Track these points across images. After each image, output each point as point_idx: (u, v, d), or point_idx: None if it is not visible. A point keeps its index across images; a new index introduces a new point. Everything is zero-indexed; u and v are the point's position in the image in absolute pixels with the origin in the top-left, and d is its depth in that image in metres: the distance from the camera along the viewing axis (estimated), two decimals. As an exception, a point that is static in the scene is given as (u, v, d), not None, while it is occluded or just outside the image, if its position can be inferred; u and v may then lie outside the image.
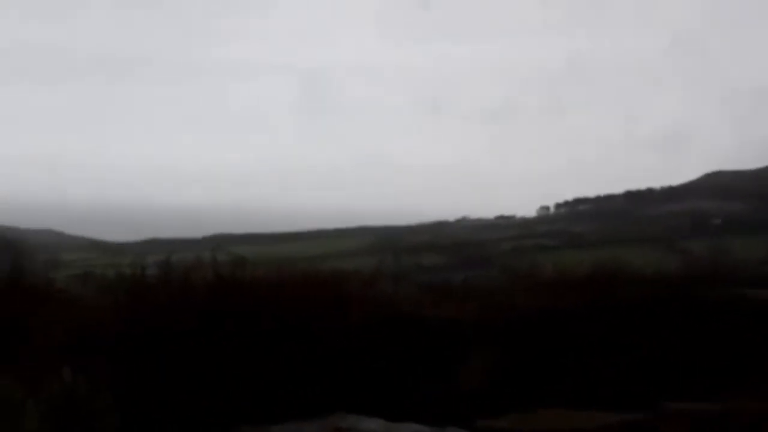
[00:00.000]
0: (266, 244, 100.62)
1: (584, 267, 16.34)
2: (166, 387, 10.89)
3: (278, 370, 11.20)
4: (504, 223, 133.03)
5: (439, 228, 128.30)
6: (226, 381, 10.87)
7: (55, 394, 10.17)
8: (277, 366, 11.24)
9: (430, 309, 14.10)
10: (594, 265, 16.39)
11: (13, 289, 12.10)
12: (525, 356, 13.42)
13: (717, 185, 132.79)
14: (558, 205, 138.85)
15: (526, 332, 13.71)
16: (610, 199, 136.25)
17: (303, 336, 11.94)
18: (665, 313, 14.34)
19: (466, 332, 13.38)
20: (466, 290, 17.11)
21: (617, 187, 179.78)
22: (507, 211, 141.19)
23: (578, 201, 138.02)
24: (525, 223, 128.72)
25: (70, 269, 52.48)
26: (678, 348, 13.70)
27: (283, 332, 11.64)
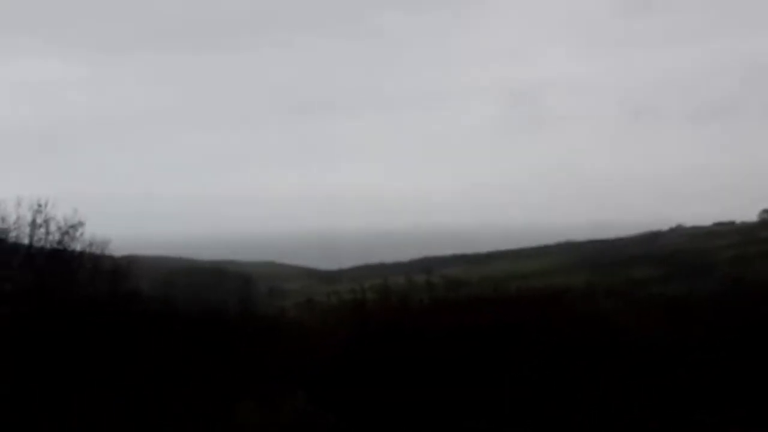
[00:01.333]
0: (473, 264, 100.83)
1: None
2: (392, 409, 11.19)
3: (508, 388, 11.21)
4: (723, 229, 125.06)
5: (651, 239, 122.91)
6: (453, 401, 11.01)
7: (290, 417, 10.82)
8: (497, 386, 11.26)
9: (652, 325, 13.56)
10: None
11: (248, 320, 12.94)
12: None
13: None
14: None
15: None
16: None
17: (524, 353, 11.89)
18: None
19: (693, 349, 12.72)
20: (690, 303, 16.28)
21: None
22: (725, 218, 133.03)
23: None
24: (746, 229, 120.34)
25: (292, 297, 55.23)
26: None
27: (506, 350, 11.66)
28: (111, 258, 23.15)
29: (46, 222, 21.37)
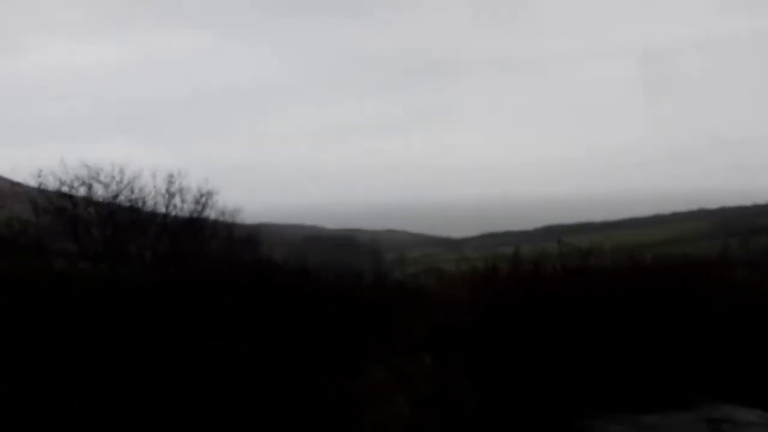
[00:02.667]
0: (600, 232, 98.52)
1: None
2: (521, 373, 11.00)
3: (642, 359, 10.83)
4: None
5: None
6: (584, 369, 10.73)
7: (420, 381, 10.81)
8: (640, 355, 10.87)
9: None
10: None
11: (381, 286, 12.98)
12: None
13: None
14: None
15: None
16: None
17: (661, 324, 11.42)
18: None
19: None
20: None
21: None
22: None
23: None
24: None
25: (416, 265, 55.58)
26: None
27: (641, 320, 11.24)
28: (243, 226, 23.83)
29: (181, 191, 22.20)
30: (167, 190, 22.17)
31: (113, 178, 21.32)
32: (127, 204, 21.85)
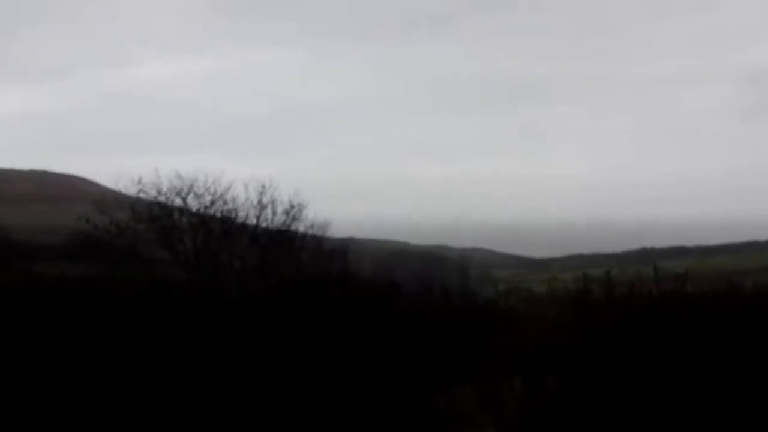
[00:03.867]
0: (694, 257, 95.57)
1: None
2: (615, 398, 10.66)
3: (739, 388, 10.33)
4: None
5: None
6: (680, 394, 10.31)
7: (510, 404, 10.57)
8: (738, 383, 10.38)
9: None
10: None
11: (467, 304, 12.81)
12: None
13: None
14: None
15: None
16: None
17: (758, 353, 10.88)
18: None
19: None
20: None
21: None
22: None
23: None
24: None
25: (502, 284, 54.95)
26: None
27: (738, 348, 10.73)
28: (331, 239, 24.00)
29: (272, 203, 22.55)
30: (259, 202, 22.61)
31: (207, 189, 21.92)
32: (220, 214, 22.39)
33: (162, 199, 21.13)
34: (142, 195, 21.22)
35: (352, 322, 10.05)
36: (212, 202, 21.60)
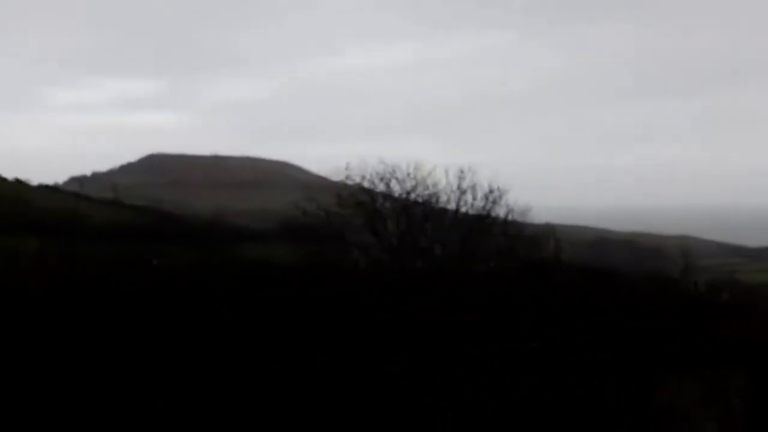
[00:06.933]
0: None
1: None
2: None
3: None
4: None
5: None
6: None
7: (732, 399, 9.98)
8: None
9: None
10: None
11: (680, 295, 12.22)
12: None
13: None
14: None
15: None
16: None
17: None
18: None
19: None
20: None
21: None
22: None
23: None
24: None
25: (708, 274, 51.85)
26: None
27: None
28: (531, 225, 23.72)
29: (472, 188, 22.61)
30: (459, 187, 22.75)
31: (409, 174, 22.35)
32: (421, 200, 22.76)
33: (366, 184, 21.76)
34: (347, 181, 21.96)
35: (570, 308, 9.85)
36: (414, 188, 21.97)
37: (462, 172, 22.31)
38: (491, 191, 22.27)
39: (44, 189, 58.34)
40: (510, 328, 8.89)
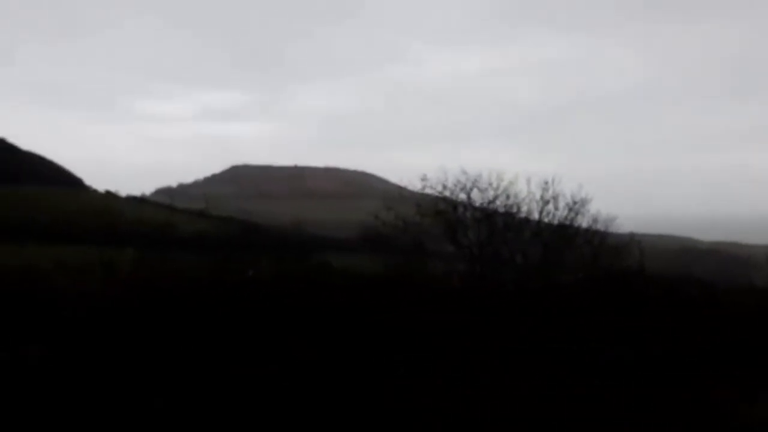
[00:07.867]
0: None
1: None
2: None
3: None
4: None
5: None
6: None
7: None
8: None
9: None
10: None
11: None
12: None
13: None
14: None
15: None
16: None
17: None
18: None
19: None
20: None
21: None
22: None
23: None
24: None
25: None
26: None
27: None
28: (615, 235, 23.33)
29: (554, 198, 22.39)
30: (541, 197, 22.54)
31: (490, 184, 22.28)
32: (503, 209, 22.64)
33: (447, 194, 21.81)
34: (428, 190, 22.05)
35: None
36: (495, 197, 21.91)
37: (546, 181, 22.14)
38: (574, 201, 22.06)
39: (133, 200, 60.20)
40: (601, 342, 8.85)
